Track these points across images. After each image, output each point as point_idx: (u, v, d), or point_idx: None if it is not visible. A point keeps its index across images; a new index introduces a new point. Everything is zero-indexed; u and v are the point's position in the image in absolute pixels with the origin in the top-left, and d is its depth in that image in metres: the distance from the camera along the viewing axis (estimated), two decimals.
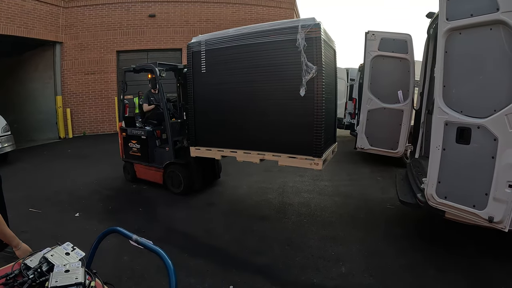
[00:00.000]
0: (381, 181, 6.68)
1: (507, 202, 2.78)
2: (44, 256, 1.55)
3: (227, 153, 5.02)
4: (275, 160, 4.58)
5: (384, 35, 5.34)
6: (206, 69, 4.99)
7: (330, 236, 4.36)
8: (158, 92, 6.47)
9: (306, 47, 4.05)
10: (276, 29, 4.35)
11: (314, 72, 4.03)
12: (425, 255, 3.81)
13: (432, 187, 3.36)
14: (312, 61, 4.05)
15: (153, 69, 6.12)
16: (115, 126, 14.07)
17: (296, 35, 4.08)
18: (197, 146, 5.33)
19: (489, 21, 2.87)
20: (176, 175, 6.00)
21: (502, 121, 2.80)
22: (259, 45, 4.47)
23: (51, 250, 1.60)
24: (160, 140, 6.54)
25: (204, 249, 4.07)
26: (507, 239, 3.75)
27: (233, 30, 4.84)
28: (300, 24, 4.09)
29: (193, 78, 5.17)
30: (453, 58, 3.24)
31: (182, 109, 6.09)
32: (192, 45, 5.10)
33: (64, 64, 13.39)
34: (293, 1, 15.50)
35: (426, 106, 5.00)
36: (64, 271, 1.44)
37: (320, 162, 4.24)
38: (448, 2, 3.14)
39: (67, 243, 1.68)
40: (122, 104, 7.48)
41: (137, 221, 4.81)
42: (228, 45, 4.73)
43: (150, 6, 13.78)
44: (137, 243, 1.76)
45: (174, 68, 6.42)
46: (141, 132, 6.41)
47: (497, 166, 2.84)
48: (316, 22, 4.08)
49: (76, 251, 1.64)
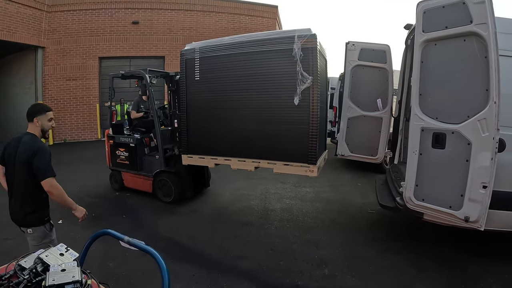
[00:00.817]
0: (361, 187, 6.85)
1: (481, 202, 2.94)
2: (39, 256, 1.55)
3: (221, 161, 4.98)
4: (270, 167, 4.60)
5: (363, 45, 5.51)
6: (200, 76, 4.96)
7: (313, 240, 4.44)
8: (149, 99, 6.34)
9: (302, 57, 4.12)
10: (272, 39, 4.41)
11: (309, 82, 4.11)
12: (405, 256, 3.95)
13: (410, 190, 3.50)
14: (308, 71, 4.12)
15: (143, 75, 6.02)
16: (96, 133, 13.83)
17: (292, 45, 4.15)
18: (189, 154, 5.25)
19: (463, 33, 3.06)
20: (166, 184, 5.89)
21: (475, 126, 2.98)
22: (254, 54, 4.50)
23: (45, 251, 1.60)
24: (149, 148, 6.42)
25: (189, 254, 4.07)
26: (483, 238, 3.96)
27: (228, 38, 4.88)
28: (296, 34, 4.15)
29: (186, 86, 5.12)
30: (428, 67, 3.42)
31: (173, 117, 5.96)
32: (186, 52, 5.07)
33: (46, 69, 13.15)
34: (276, 11, 15.78)
35: (404, 114, 5.19)
36: (60, 270, 1.45)
37: (315, 169, 4.30)
38: (424, 14, 3.33)
39: (60, 244, 1.68)
40: (110, 111, 7.30)
41: (121, 227, 4.70)
42: (223, 53, 4.74)
43: (134, 13, 13.75)
44: (129, 244, 1.77)
45: (165, 75, 6.31)
46: (130, 139, 6.28)
47: (471, 168, 3.01)
48: (312, 33, 4.16)
49: (70, 252, 1.64)
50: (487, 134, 2.91)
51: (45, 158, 2.66)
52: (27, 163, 2.59)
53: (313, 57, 4.15)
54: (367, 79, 5.55)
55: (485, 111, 2.92)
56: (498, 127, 2.85)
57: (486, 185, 2.92)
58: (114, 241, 2.25)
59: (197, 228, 4.86)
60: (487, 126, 2.90)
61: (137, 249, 1.85)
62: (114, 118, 7.21)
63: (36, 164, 2.59)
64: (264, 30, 14.70)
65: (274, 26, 15.52)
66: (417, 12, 3.40)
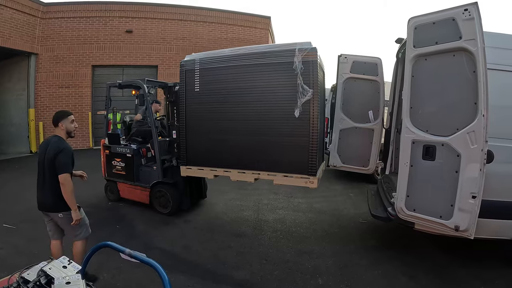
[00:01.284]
0: (353, 197, 6.92)
1: (471, 212, 3.03)
2: (42, 269, 1.56)
3: (220, 173, 4.95)
4: (270, 179, 4.60)
5: (356, 58, 5.62)
6: (200, 87, 4.96)
7: (306, 251, 4.47)
8: (146, 109, 6.27)
9: (302, 70, 4.17)
10: (272, 51, 4.46)
11: (310, 95, 4.16)
12: (397, 265, 4.01)
13: (402, 201, 3.57)
14: (308, 84, 4.17)
15: (141, 85, 5.98)
16: (88, 142, 13.71)
17: (293, 58, 4.21)
18: (188, 165, 5.21)
19: (453, 48, 3.19)
20: (163, 195, 5.82)
21: (464, 138, 3.08)
22: (255, 66, 4.54)
23: (48, 264, 1.61)
24: (146, 159, 6.33)
25: (184, 265, 4.06)
26: (473, 247, 4.05)
27: (228, 50, 4.91)
28: (297, 47, 4.21)
29: (186, 96, 5.10)
30: (419, 81, 3.53)
31: (171, 128, 5.89)
32: (186, 63, 5.08)
33: (39, 76, 13.05)
34: (268, 22, 15.99)
35: (395, 125, 5.30)
36: (65, 283, 1.46)
37: (315, 181, 4.33)
38: (415, 30, 3.45)
39: (63, 257, 1.70)
40: (106, 120, 7.17)
41: (114, 238, 4.70)
42: (223, 65, 4.77)
43: (128, 21, 13.78)
44: (130, 256, 1.78)
45: (164, 85, 6.25)
46: (127, 150, 6.19)
47: (461, 179, 3.10)
48: (312, 46, 4.22)
49: (73, 264, 1.66)
50: (475, 146, 3.01)
51: (67, 157, 3.28)
52: (54, 160, 3.21)
53: (314, 70, 4.21)
54: (359, 91, 5.65)
55: (473, 124, 3.03)
56: (486, 139, 2.95)
57: (475, 195, 3.01)
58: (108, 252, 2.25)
59: (191, 239, 4.85)
60: (475, 138, 3.00)
61: (138, 261, 1.86)
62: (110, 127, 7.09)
63: (58, 161, 3.21)
64: (257, 41, 15.01)
65: (267, 37, 15.72)
66: (408, 28, 3.52)
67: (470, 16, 3.04)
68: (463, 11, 3.08)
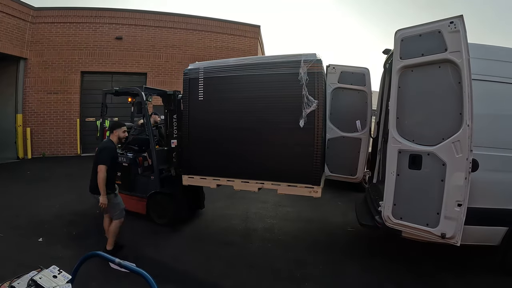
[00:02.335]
0: (341, 206, 6.95)
1: (457, 220, 3.10)
2: (32, 278, 1.54)
3: (223, 182, 4.91)
4: (274, 188, 4.60)
5: (343, 68, 5.72)
6: (204, 96, 4.94)
7: (295, 259, 4.47)
8: (144, 116, 6.12)
9: (308, 81, 4.21)
10: (277, 62, 4.49)
11: (314, 106, 4.19)
12: (385, 272, 4.05)
13: (389, 209, 3.63)
14: (313, 95, 4.21)
15: (139, 93, 5.86)
16: (76, 148, 13.48)
17: (297, 69, 4.25)
18: (190, 175, 5.14)
19: (438, 60, 3.28)
20: (161, 205, 5.69)
21: (450, 148, 3.16)
22: (259, 76, 4.57)
23: (38, 273, 1.59)
24: (142, 168, 6.12)
25: (173, 274, 4.02)
26: (460, 254, 4.12)
27: (233, 60, 4.91)
28: (302, 58, 4.26)
29: (189, 105, 5.06)
30: (405, 92, 3.61)
31: (170, 136, 5.80)
32: (190, 72, 5.05)
33: (27, 81, 12.79)
34: (258, 31, 16.09)
35: (382, 135, 5.38)
36: None
37: (319, 190, 4.36)
38: (402, 42, 3.54)
39: (53, 266, 1.67)
40: (101, 128, 6.92)
41: (102, 247, 4.59)
42: (228, 74, 4.78)
43: (118, 28, 13.69)
44: (120, 266, 1.77)
45: (163, 93, 6.12)
46: (123, 158, 5.99)
47: (447, 188, 3.17)
48: (318, 58, 4.27)
49: (63, 274, 1.64)
50: (461, 155, 3.08)
51: (107, 153, 4.29)
52: (98, 154, 4.29)
53: (319, 82, 4.25)
54: (346, 101, 5.72)
55: (459, 134, 3.11)
56: (471, 149, 3.03)
57: (461, 203, 3.07)
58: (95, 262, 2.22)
59: (180, 248, 4.81)
60: (461, 148, 3.09)
61: (128, 271, 1.85)
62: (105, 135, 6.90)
63: (101, 155, 4.26)
64: (246, 50, 15.11)
65: (256, 46, 15.81)
66: (395, 40, 3.60)
67: (456, 29, 3.14)
68: (448, 23, 3.18)
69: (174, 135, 5.71)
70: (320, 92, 4.27)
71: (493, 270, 4.05)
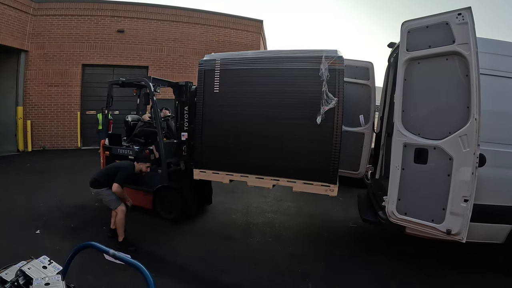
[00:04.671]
0: (343, 202, 6.89)
1: (463, 215, 3.02)
2: (21, 269, 1.48)
3: (237, 178, 4.77)
4: (289, 186, 4.48)
5: (347, 62, 5.58)
6: (219, 89, 4.79)
7: (296, 254, 4.42)
8: (152, 108, 5.92)
9: (328, 77, 4.10)
10: (297, 57, 4.36)
11: (334, 103, 4.08)
12: (388, 269, 3.99)
13: (393, 205, 3.56)
14: (333, 92, 4.10)
15: (147, 83, 5.70)
16: (76, 141, 13.47)
17: (318, 65, 4.14)
18: (202, 169, 5.00)
19: (446, 52, 3.20)
20: (169, 200, 5.54)
21: (457, 142, 3.08)
22: (278, 70, 4.44)
23: (27, 264, 1.53)
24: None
25: (171, 268, 3.97)
26: (463, 252, 4.06)
27: (251, 52, 4.79)
28: (324, 54, 4.14)
29: (203, 97, 4.90)
30: (411, 85, 3.53)
31: (180, 129, 5.55)
32: (205, 63, 4.90)
33: (28, 74, 12.74)
34: (260, 25, 15.97)
35: (386, 129, 5.30)
36: (44, 284, 1.38)
37: (335, 189, 4.24)
38: (409, 34, 3.45)
39: (43, 256, 1.61)
40: (107, 120, 6.73)
41: (100, 239, 4.55)
42: (246, 67, 4.63)
43: (120, 21, 13.60)
44: (114, 257, 1.71)
45: (174, 85, 5.82)
46: (129, 151, 5.85)
47: (453, 183, 3.10)
48: (339, 55, 4.16)
49: (53, 264, 1.58)
50: (468, 149, 3.01)
51: (125, 175, 4.49)
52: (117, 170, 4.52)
53: (340, 79, 4.13)
54: (350, 95, 5.63)
55: (466, 128, 3.03)
56: (478, 143, 2.95)
57: (467, 198, 3.00)
58: (92, 253, 2.17)
59: (179, 241, 4.75)
60: (468, 142, 3.01)
61: (122, 263, 1.78)
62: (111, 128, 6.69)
63: (119, 172, 4.45)
64: (249, 44, 15.01)
65: (259, 41, 15.70)
66: (401, 31, 3.52)
67: (464, 21, 3.05)
68: (456, 15, 3.10)
69: (185, 128, 5.50)
70: (340, 90, 4.13)
71: (496, 268, 3.98)
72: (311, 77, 4.20)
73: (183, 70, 13.94)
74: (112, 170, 4.56)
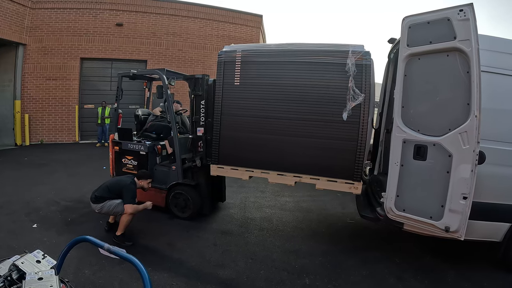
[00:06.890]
0: (341, 197, 6.87)
1: (462, 213, 3.02)
2: (14, 263, 1.46)
3: (257, 174, 4.67)
4: (313, 183, 4.41)
5: None
6: (240, 81, 4.65)
7: (293, 250, 4.41)
8: (166, 102, 5.77)
9: (355, 73, 4.03)
10: (323, 51, 4.25)
11: (361, 99, 4.01)
12: (385, 265, 3.99)
13: (391, 201, 3.55)
14: (360, 88, 4.03)
15: (161, 76, 5.51)
16: (74, 135, 13.44)
17: (344, 60, 4.06)
18: (220, 164, 4.89)
19: (447, 48, 3.17)
20: (183, 198, 5.36)
21: (456, 139, 3.06)
22: (302, 64, 4.34)
23: (20, 258, 1.50)
24: (160, 157, 5.82)
25: (167, 262, 3.95)
26: (460, 249, 4.08)
27: (274, 45, 4.63)
28: (350, 49, 4.07)
29: (223, 90, 4.75)
30: (411, 81, 3.50)
31: (196, 124, 5.31)
32: (225, 54, 4.75)
33: (26, 67, 12.65)
34: (260, 20, 15.88)
35: (385, 126, 5.28)
36: (37, 279, 1.36)
37: (359, 186, 4.19)
38: (410, 29, 3.42)
39: (37, 250, 1.59)
40: (116, 114, 6.49)
41: (96, 233, 4.55)
42: (269, 60, 4.52)
43: (118, 14, 13.48)
44: (109, 252, 1.70)
45: (190, 77, 5.48)
46: (140, 147, 5.65)
47: (452, 180, 3.08)
48: (366, 50, 4.09)
49: (47, 259, 1.55)
50: (467, 146, 3.00)
51: (131, 194, 4.42)
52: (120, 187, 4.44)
53: (367, 74, 4.05)
54: None
55: (466, 125, 3.01)
56: (478, 140, 2.93)
57: (466, 196, 2.99)
58: (89, 247, 2.14)
59: (175, 235, 4.74)
60: (468, 139, 2.99)
61: (117, 257, 1.76)
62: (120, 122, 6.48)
63: (125, 195, 4.39)
64: (248, 39, 14.93)
65: (258, 36, 15.62)
66: (402, 27, 3.48)
67: (465, 17, 3.03)
68: (458, 11, 3.07)
69: (201, 123, 5.27)
70: (367, 86, 4.05)
71: (494, 266, 3.99)
72: (337, 72, 4.12)
73: (182, 64, 13.86)
74: (114, 186, 4.45)
